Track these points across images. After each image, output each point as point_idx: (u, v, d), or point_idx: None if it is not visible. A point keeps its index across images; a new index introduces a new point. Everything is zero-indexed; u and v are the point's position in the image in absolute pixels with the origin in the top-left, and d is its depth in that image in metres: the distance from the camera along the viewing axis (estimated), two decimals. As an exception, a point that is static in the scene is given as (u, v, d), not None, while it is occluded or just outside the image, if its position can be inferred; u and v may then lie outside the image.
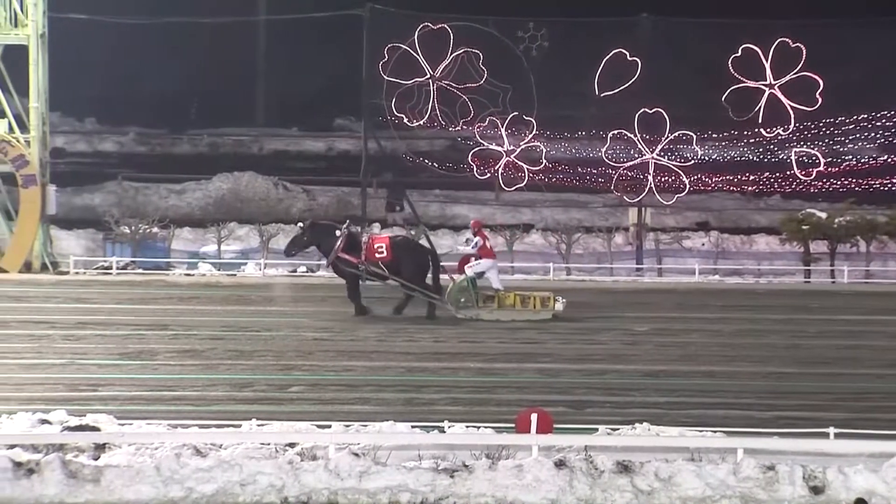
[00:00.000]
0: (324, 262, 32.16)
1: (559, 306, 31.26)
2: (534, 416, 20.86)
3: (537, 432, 20.63)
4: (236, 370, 25.90)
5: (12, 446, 19.78)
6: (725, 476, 19.67)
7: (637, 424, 21.53)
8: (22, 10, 35.97)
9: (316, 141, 57.45)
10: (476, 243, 31.72)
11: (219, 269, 37.30)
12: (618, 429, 21.35)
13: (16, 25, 36.09)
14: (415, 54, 39.84)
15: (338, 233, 31.14)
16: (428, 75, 39.98)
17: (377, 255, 30.80)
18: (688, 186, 40.39)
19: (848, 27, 39.29)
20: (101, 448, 20.09)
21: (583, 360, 27.28)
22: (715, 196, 45.15)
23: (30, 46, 36.02)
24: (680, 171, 40.18)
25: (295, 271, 37.91)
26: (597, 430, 21.24)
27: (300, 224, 32.31)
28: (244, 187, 48.57)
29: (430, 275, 31.20)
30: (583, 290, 35.91)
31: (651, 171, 40.17)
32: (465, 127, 40.54)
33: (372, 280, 31.08)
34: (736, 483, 19.58)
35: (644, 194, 40.60)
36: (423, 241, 32.42)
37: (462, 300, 31.23)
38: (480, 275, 31.47)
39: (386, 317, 30.86)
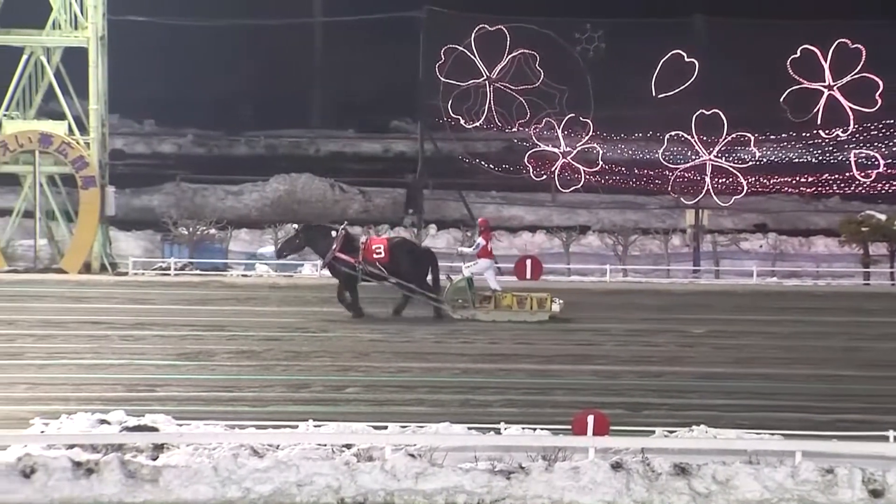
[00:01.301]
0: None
1: (556, 307, 31.15)
2: (590, 418, 20.83)
3: (594, 434, 20.60)
4: (293, 371, 25.98)
5: (72, 446, 19.93)
6: (784, 479, 19.57)
7: (694, 427, 21.45)
8: (82, 13, 36.22)
9: (372, 143, 57.55)
10: (477, 245, 31.74)
11: (275, 270, 37.42)
12: (675, 431, 21.28)
13: (76, 28, 36.34)
14: (471, 56, 39.84)
15: (333, 234, 31.18)
16: (484, 77, 39.97)
17: (375, 256, 30.82)
18: (745, 188, 40.16)
19: (908, 28, 39.04)
20: (159, 448, 20.21)
21: (639, 362, 27.21)
22: (773, 198, 44.89)
23: (89, 49, 36.26)
24: (737, 173, 39.97)
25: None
26: (654, 432, 21.18)
27: (295, 226, 32.34)
28: (301, 189, 48.72)
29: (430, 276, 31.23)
30: (639, 292, 35.80)
31: (708, 173, 39.98)
32: (521, 128, 40.49)
33: (368, 280, 31.10)
34: (794, 486, 19.47)
35: (701, 196, 40.41)
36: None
37: (459, 300, 31.22)
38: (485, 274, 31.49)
39: (410, 318, 30.86)
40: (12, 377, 24.85)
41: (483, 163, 42.59)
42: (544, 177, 40.97)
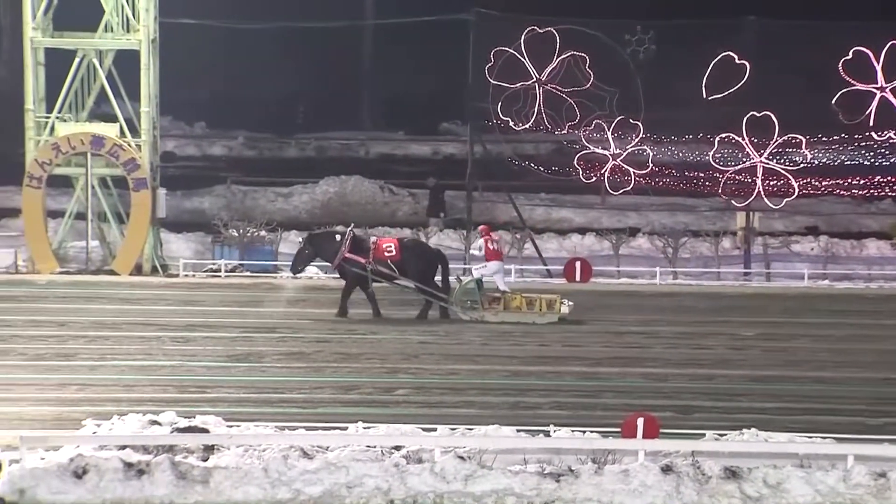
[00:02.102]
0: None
1: (565, 309, 31.12)
2: (640, 421, 20.78)
3: (644, 437, 20.54)
4: (342, 373, 26.05)
5: (123, 447, 20.04)
6: (835, 483, 19.45)
7: (745, 430, 21.35)
8: (134, 16, 36.41)
9: (422, 145, 57.68)
10: (479, 247, 31.80)
11: (325, 272, 37.50)
12: (725, 434, 21.18)
13: (128, 31, 36.54)
14: (521, 58, 39.80)
15: (338, 237, 31.29)
16: (534, 79, 39.92)
17: (386, 255, 30.95)
18: (797, 190, 39.94)
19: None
20: (209, 449, 20.29)
21: (689, 365, 27.13)
22: (824, 200, 44.64)
23: (141, 51, 36.45)
24: (789, 175, 39.75)
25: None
26: (704, 435, 21.09)
27: (300, 239, 32.41)
28: (350, 191, 48.86)
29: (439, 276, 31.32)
30: (689, 295, 35.70)
31: (759, 175, 39.79)
32: (571, 130, 40.41)
33: (378, 280, 31.14)
34: (846, 490, 19.35)
35: (752, 198, 40.22)
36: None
37: (468, 302, 31.24)
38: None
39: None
40: (64, 378, 25.01)
41: (532, 165, 42.54)
42: (594, 179, 40.88)
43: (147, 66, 36.55)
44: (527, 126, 40.49)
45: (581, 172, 40.61)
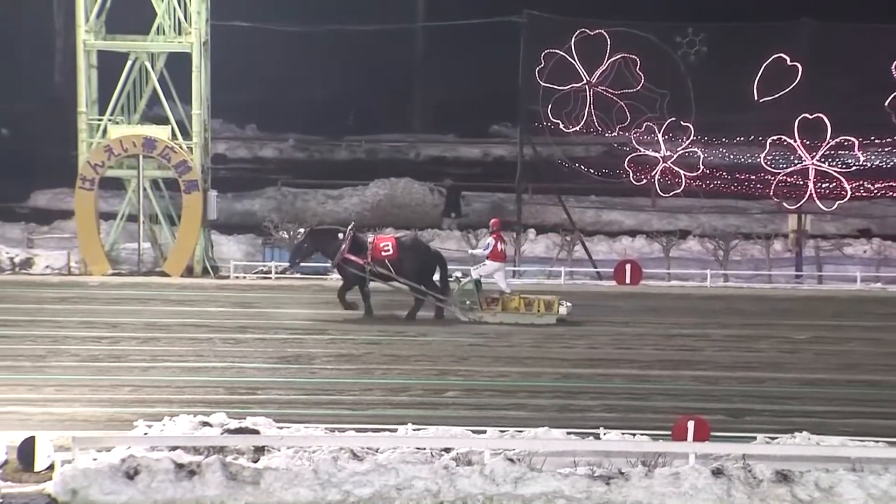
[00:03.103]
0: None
1: (563, 310, 31.02)
2: (690, 424, 20.73)
3: (694, 440, 20.48)
4: (392, 374, 26.09)
5: (174, 448, 20.14)
6: (888, 487, 19.34)
7: (796, 433, 21.25)
8: (186, 19, 36.57)
9: (472, 147, 57.66)
10: (488, 245, 31.65)
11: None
12: (776, 438, 21.10)
13: (180, 34, 36.70)
14: (571, 60, 39.72)
15: (340, 236, 31.27)
16: (584, 81, 39.84)
17: (383, 254, 30.93)
18: (849, 192, 39.68)
19: None
20: (260, 451, 20.38)
21: (740, 368, 27.02)
22: (877, 202, 44.31)
23: (193, 54, 36.60)
24: (841, 178, 39.48)
25: (450, 277, 37.97)
26: (755, 438, 21.01)
27: (300, 231, 32.38)
28: (400, 193, 48.89)
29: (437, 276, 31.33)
30: (740, 297, 35.54)
31: (811, 177, 39.55)
32: (621, 133, 40.30)
33: (376, 280, 31.18)
34: (899, 494, 19.25)
35: (804, 201, 39.98)
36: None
37: (467, 302, 31.19)
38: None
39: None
40: (117, 379, 25.18)
41: (582, 167, 42.43)
42: (644, 181, 40.74)
43: (198, 69, 36.71)
44: (577, 128, 40.39)
45: (631, 175, 40.48)
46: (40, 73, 58.02)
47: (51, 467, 19.94)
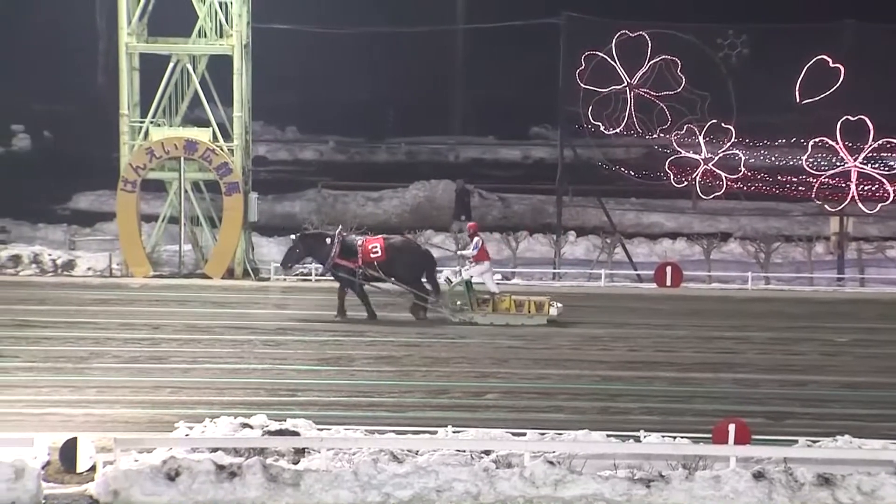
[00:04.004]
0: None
1: (554, 311, 30.97)
2: (731, 427, 20.66)
3: (735, 443, 20.41)
4: (432, 377, 26.10)
5: (215, 449, 20.20)
6: (931, 491, 19.23)
7: (838, 436, 21.15)
8: (227, 21, 36.69)
9: (512, 149, 57.63)
10: (476, 244, 31.63)
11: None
12: (818, 441, 21.00)
13: (221, 36, 36.82)
14: (612, 62, 39.66)
15: (328, 240, 31.26)
16: (625, 83, 39.77)
17: (372, 256, 30.93)
18: (892, 195, 39.45)
19: None
20: (300, 452, 20.41)
21: (781, 371, 26.92)
22: (920, 205, 44.04)
23: (234, 56, 36.72)
24: (883, 180, 39.27)
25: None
26: (796, 441, 20.92)
27: (292, 236, 32.53)
28: (440, 195, 48.89)
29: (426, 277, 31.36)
30: (781, 300, 35.42)
31: (853, 180, 39.36)
32: (662, 135, 40.20)
33: (368, 283, 31.20)
34: (942, 498, 19.14)
35: (846, 203, 39.79)
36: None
37: (458, 303, 31.17)
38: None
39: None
40: (158, 381, 25.27)
41: (623, 169, 42.37)
42: (685, 183, 40.64)
43: (240, 71, 36.82)
44: (617, 130, 40.33)
45: (672, 177, 40.38)
46: (83, 75, 58.33)
47: (93, 468, 20.03)
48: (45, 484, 19.66)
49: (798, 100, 39.13)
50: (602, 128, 40.17)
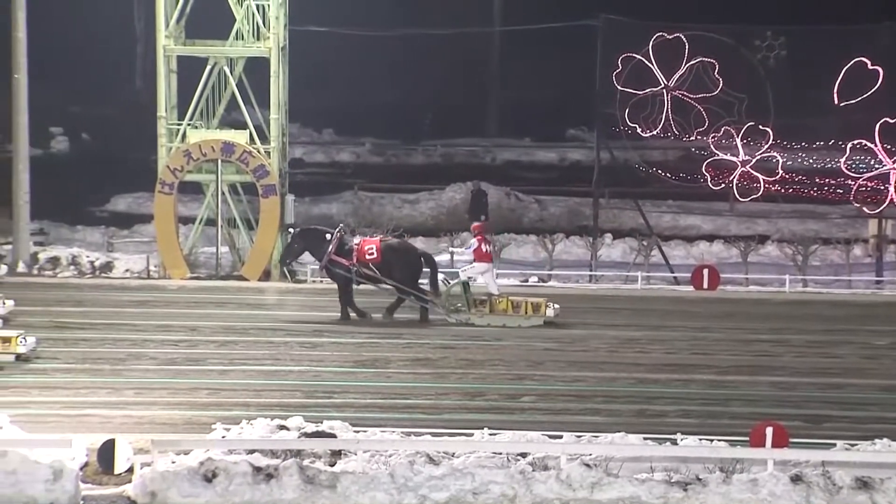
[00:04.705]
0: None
1: (550, 312, 30.94)
2: (769, 430, 20.58)
3: (772, 446, 20.34)
4: (468, 379, 26.09)
5: (252, 451, 20.25)
6: (970, 495, 19.12)
7: (876, 440, 21.04)
8: (264, 24, 36.80)
9: (548, 151, 57.57)
10: (470, 245, 31.63)
11: (451, 279, 37.55)
12: (856, 444, 20.90)
13: (258, 39, 36.94)
14: (649, 64, 39.58)
15: (328, 237, 31.34)
16: (662, 85, 39.68)
17: (367, 257, 30.96)
18: (931, 197, 39.25)
19: None
20: (336, 454, 20.43)
21: (819, 374, 26.81)
22: (959, 207, 43.80)
23: (271, 59, 36.83)
24: (923, 182, 39.08)
25: (526, 281, 37.99)
26: (834, 444, 20.82)
27: (290, 230, 32.63)
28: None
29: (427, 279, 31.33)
30: (819, 303, 35.27)
31: (892, 182, 39.16)
32: (699, 137, 40.09)
33: (364, 282, 31.20)
34: (981, 502, 19.02)
35: (885, 205, 39.61)
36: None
37: (456, 304, 31.17)
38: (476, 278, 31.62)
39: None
40: (195, 382, 25.34)
41: (660, 172, 42.28)
42: (722, 186, 40.53)
43: (276, 74, 36.94)
44: (654, 132, 40.24)
45: (709, 179, 40.27)
46: (121, 78, 58.61)
47: (130, 470, 20.10)
48: (83, 485, 19.74)
49: (836, 102, 38.96)
50: (639, 130, 40.08)
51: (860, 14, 40.19)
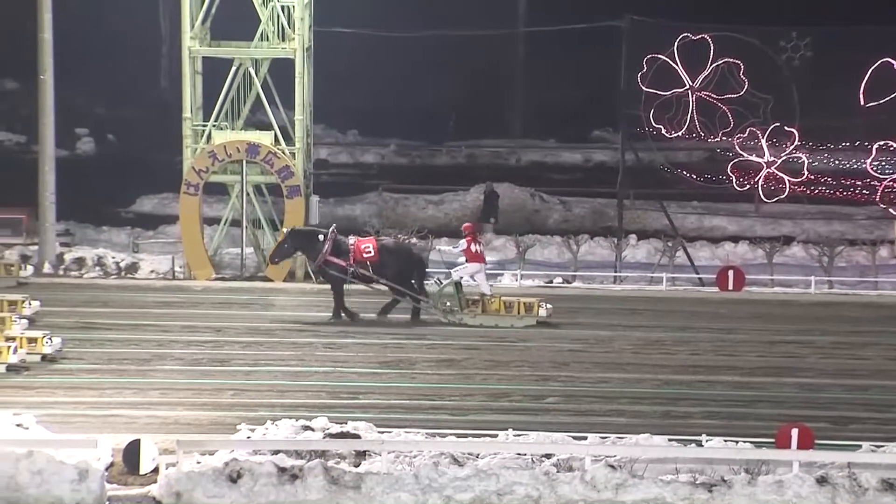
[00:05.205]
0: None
1: (543, 312, 30.95)
2: (794, 431, 20.54)
3: (798, 448, 20.29)
4: (492, 380, 26.09)
5: (277, 452, 20.28)
6: None
7: (903, 441, 21.01)
8: (289, 25, 36.84)
9: (573, 152, 57.53)
10: (459, 245, 31.72)
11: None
12: (882, 446, 20.83)
13: (283, 40, 36.97)
14: (674, 65, 39.50)
15: (321, 237, 31.41)
16: (687, 86, 39.60)
17: (364, 256, 31.07)
18: (957, 198, 39.10)
19: None
20: (361, 455, 20.46)
21: (845, 375, 26.76)
22: None
23: (296, 60, 36.86)
24: (949, 183, 38.93)
25: (551, 282, 37.96)
26: (860, 446, 20.77)
27: (283, 230, 32.76)
28: (501, 198, 48.87)
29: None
30: (845, 304, 35.16)
31: (919, 183, 39.03)
32: (724, 138, 39.99)
33: (358, 282, 31.24)
34: None
35: (911, 206, 39.47)
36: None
37: (448, 304, 31.22)
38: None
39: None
40: (220, 383, 25.41)
41: (685, 173, 42.20)
42: (747, 187, 40.42)
43: (301, 75, 36.97)
44: (679, 133, 40.15)
45: (734, 180, 40.17)
46: (146, 79, 58.76)
47: (155, 470, 20.16)
48: (109, 485, 19.80)
49: (862, 102, 38.82)
50: (664, 131, 40.00)
51: (886, 14, 40.03)
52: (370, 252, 31.18)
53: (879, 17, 40.07)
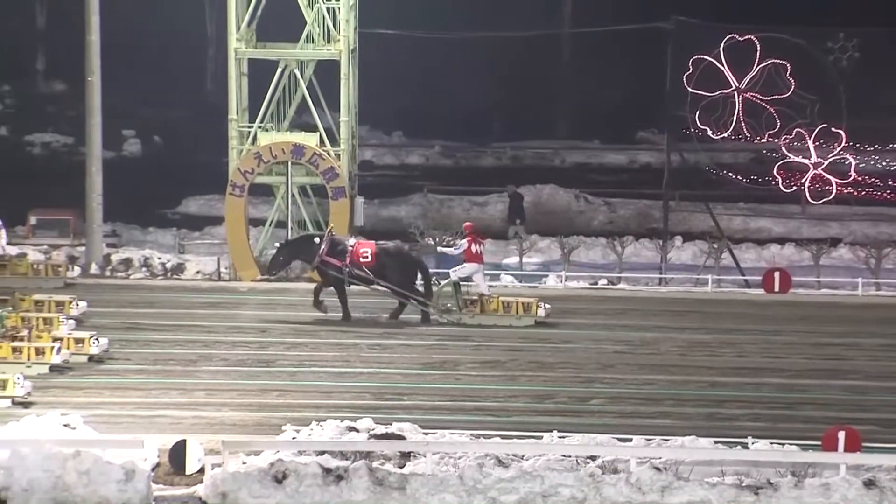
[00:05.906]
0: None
1: (541, 312, 30.87)
2: (841, 434, 20.44)
3: (845, 450, 20.18)
4: (537, 382, 26.07)
5: (322, 453, 20.32)
6: None
7: (951, 445, 20.88)
8: (335, 27, 36.91)
9: (618, 154, 57.40)
10: (459, 246, 31.63)
11: (520, 281, 37.54)
12: (930, 449, 20.73)
13: (328, 41, 37.05)
14: (720, 66, 39.34)
15: (317, 240, 31.59)
16: (733, 87, 39.43)
17: (362, 260, 31.12)
18: None
19: None
20: (405, 456, 20.47)
21: (892, 378, 26.61)
22: None
23: (341, 62, 36.92)
24: None
25: (595, 283, 37.88)
26: (908, 450, 20.67)
27: (276, 244, 32.88)
28: (545, 199, 48.83)
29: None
30: (892, 307, 34.95)
31: (966, 185, 38.77)
32: (770, 139, 39.80)
33: (356, 283, 31.26)
34: None
35: (959, 208, 39.21)
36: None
37: (447, 305, 31.14)
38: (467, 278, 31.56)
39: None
40: (265, 384, 25.49)
41: (730, 174, 42.03)
42: (794, 188, 40.23)
43: (346, 76, 37.02)
44: (725, 135, 39.98)
45: (780, 182, 39.97)
46: (193, 81, 58.97)
47: (201, 470, 20.24)
48: (155, 486, 19.90)
49: (910, 103, 38.61)
50: (709, 132, 39.84)
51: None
52: (367, 257, 31.31)
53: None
